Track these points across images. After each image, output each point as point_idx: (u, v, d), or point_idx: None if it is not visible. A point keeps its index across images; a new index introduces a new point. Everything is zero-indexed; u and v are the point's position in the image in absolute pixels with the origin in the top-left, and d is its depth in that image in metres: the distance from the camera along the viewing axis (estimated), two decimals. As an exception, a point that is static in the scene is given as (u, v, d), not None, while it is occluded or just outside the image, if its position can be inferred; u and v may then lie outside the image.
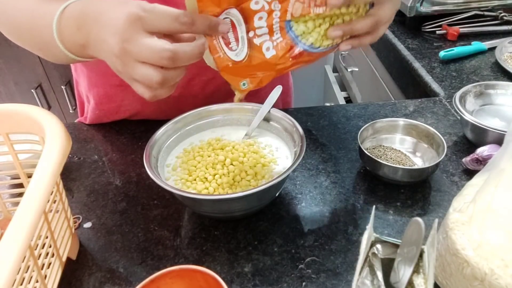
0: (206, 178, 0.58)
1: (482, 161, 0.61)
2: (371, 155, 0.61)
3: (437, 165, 0.59)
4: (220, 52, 0.46)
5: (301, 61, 0.48)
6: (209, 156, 0.61)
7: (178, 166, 0.61)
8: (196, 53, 0.44)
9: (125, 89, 0.61)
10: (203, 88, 0.74)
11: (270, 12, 0.45)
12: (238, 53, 0.46)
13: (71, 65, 0.81)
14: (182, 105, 0.65)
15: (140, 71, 0.43)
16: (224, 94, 0.75)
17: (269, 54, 0.47)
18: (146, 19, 0.43)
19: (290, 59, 0.48)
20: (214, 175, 0.58)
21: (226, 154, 0.61)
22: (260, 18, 0.45)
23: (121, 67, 0.44)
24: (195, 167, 0.60)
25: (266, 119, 0.66)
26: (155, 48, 0.41)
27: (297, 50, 0.47)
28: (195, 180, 0.58)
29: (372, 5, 0.50)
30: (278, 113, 0.64)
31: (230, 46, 0.45)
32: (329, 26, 0.47)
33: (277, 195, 0.59)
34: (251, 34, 0.45)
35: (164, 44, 0.42)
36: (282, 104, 0.87)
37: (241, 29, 0.45)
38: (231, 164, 0.59)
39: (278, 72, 0.48)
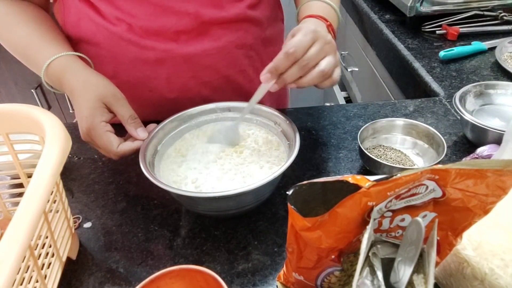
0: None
1: (482, 161, 0.61)
2: (371, 155, 0.61)
3: (437, 165, 0.59)
4: None
5: None
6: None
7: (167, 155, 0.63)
8: (135, 149, 0.58)
9: (123, 91, 0.61)
10: (199, 91, 0.74)
11: None
12: None
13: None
14: (180, 108, 0.66)
15: (99, 148, 0.59)
16: (221, 96, 0.74)
17: None
18: (109, 105, 0.59)
19: None
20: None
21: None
22: None
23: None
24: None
25: (257, 114, 0.66)
26: (107, 148, 0.57)
27: None
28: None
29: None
30: (270, 110, 0.64)
31: None
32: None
33: (271, 193, 0.58)
34: None
35: (113, 147, 0.57)
36: (277, 105, 0.87)
37: None
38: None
39: None
